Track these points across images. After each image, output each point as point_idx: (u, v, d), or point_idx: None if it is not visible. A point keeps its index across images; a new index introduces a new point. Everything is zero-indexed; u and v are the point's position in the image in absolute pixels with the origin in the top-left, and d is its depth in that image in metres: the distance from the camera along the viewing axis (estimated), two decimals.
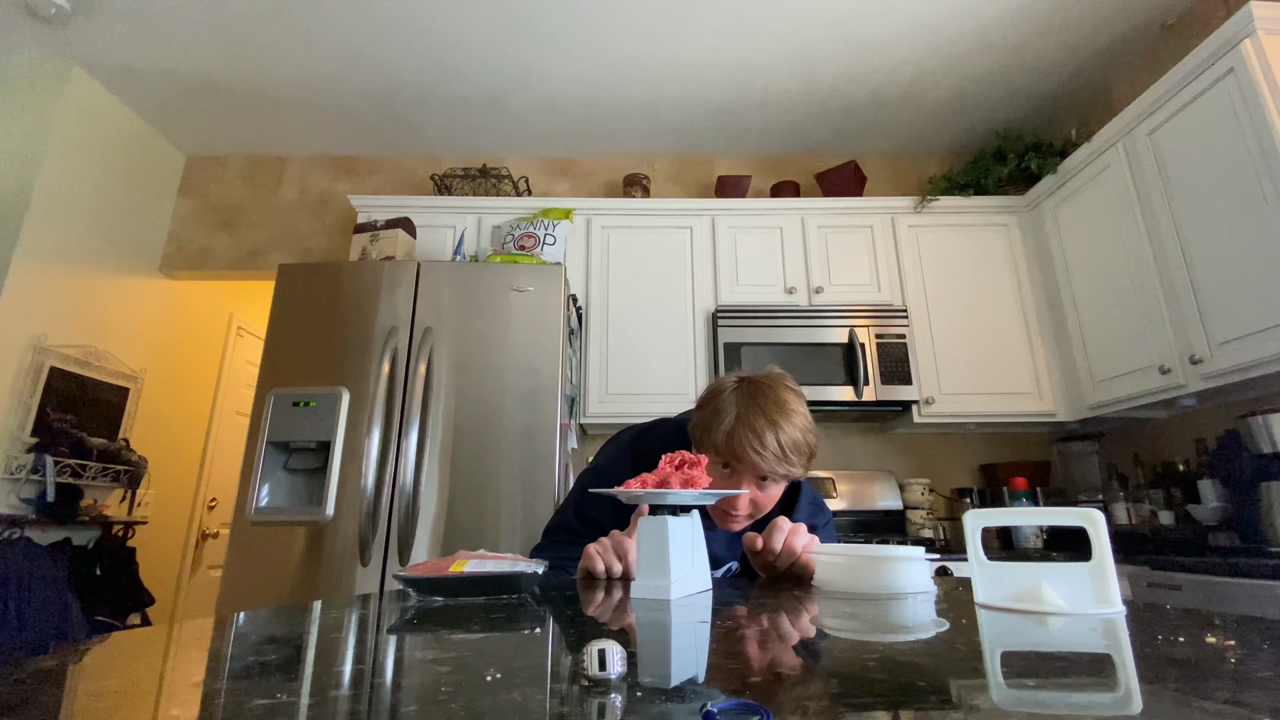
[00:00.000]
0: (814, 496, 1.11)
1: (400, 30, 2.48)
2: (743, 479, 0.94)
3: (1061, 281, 2.58)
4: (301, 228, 3.22)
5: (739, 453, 0.91)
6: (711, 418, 0.95)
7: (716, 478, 0.96)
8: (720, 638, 0.48)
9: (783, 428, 0.90)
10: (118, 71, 2.72)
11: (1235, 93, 1.85)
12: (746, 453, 0.90)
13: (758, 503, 0.95)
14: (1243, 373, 1.83)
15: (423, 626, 0.53)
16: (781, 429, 0.90)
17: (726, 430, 0.92)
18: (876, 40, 2.54)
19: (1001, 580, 0.60)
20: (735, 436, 0.91)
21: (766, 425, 0.90)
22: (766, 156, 3.31)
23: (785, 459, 0.90)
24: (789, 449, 0.90)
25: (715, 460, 0.95)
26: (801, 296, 2.69)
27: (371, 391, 2.00)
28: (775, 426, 0.90)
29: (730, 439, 0.92)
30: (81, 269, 2.70)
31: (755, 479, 0.94)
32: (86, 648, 0.44)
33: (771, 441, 0.90)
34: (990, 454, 2.84)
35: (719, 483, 0.95)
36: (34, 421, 2.44)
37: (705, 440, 0.96)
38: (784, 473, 0.92)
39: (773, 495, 0.96)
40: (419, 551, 1.90)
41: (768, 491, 0.96)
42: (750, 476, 0.94)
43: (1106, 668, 0.38)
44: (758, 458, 0.90)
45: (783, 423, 0.91)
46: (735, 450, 0.92)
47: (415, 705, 0.30)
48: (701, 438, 0.97)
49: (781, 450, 0.90)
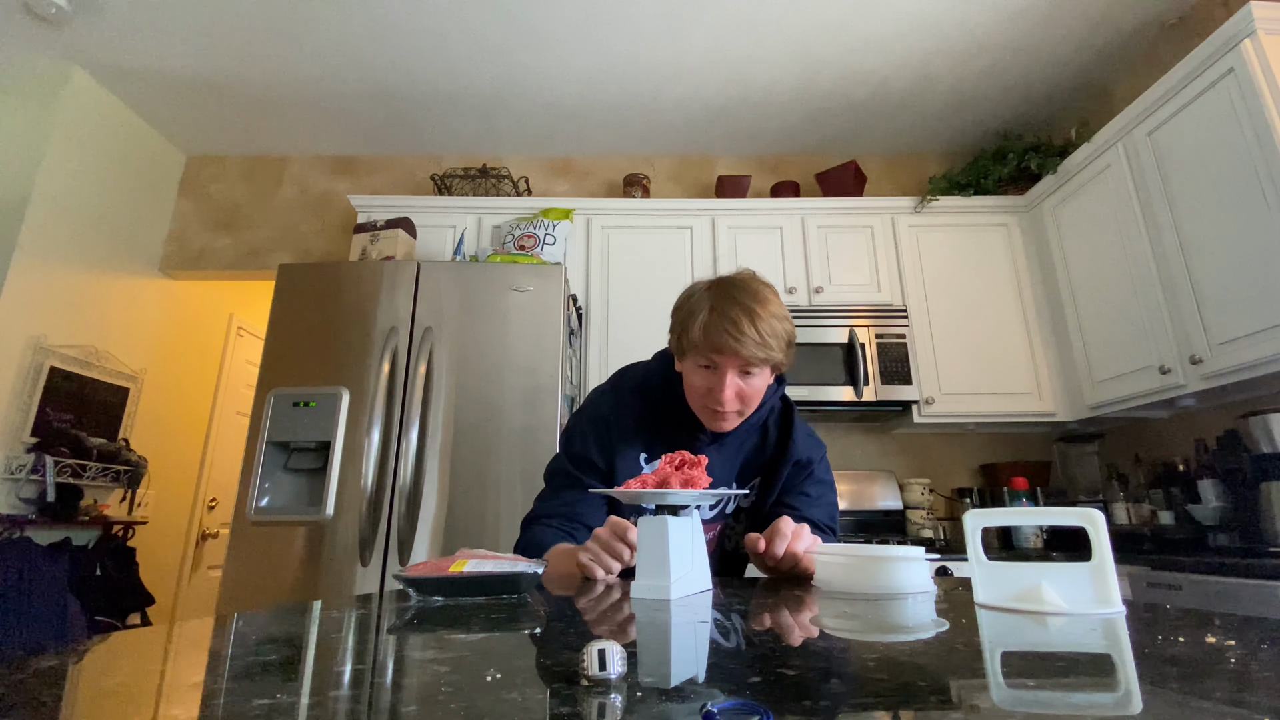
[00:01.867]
0: (808, 430, 1.11)
1: (400, 30, 2.48)
2: (725, 374, 0.93)
3: (1061, 281, 2.58)
4: (301, 228, 3.22)
5: (718, 343, 0.92)
6: (687, 317, 0.96)
7: (699, 379, 0.96)
8: (720, 638, 0.48)
9: (759, 314, 0.91)
10: (118, 71, 2.72)
11: (1235, 93, 1.85)
12: (725, 341, 0.91)
13: (744, 396, 0.95)
14: (1243, 373, 1.83)
15: (423, 626, 0.53)
16: (758, 315, 0.91)
17: (703, 324, 0.93)
18: (876, 40, 2.54)
19: (1001, 580, 0.60)
20: (712, 328, 0.92)
21: (742, 313, 0.91)
22: (766, 156, 3.31)
23: (764, 344, 0.91)
24: (766, 334, 0.91)
25: (697, 361, 0.96)
26: (801, 296, 2.69)
27: (371, 391, 2.00)
28: (751, 314, 0.91)
29: (707, 332, 0.92)
30: (81, 269, 2.70)
31: (738, 371, 0.94)
32: (86, 648, 0.44)
33: (749, 328, 0.90)
34: (990, 454, 2.84)
35: (702, 382, 0.95)
36: (34, 421, 2.44)
37: (684, 341, 0.97)
38: (764, 357, 0.92)
39: (757, 387, 0.96)
40: (419, 551, 1.90)
41: (752, 384, 0.95)
42: (732, 369, 0.93)
43: (1106, 668, 0.38)
44: (736, 344, 0.90)
45: (758, 310, 0.92)
46: (714, 341, 0.92)
47: (415, 705, 0.30)
48: (680, 340, 0.98)
49: (760, 335, 0.91)
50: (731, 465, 1.05)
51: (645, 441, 1.05)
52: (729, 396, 0.93)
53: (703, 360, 0.95)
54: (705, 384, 0.95)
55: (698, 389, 0.97)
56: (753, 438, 1.08)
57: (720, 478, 1.03)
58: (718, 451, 1.03)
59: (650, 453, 1.04)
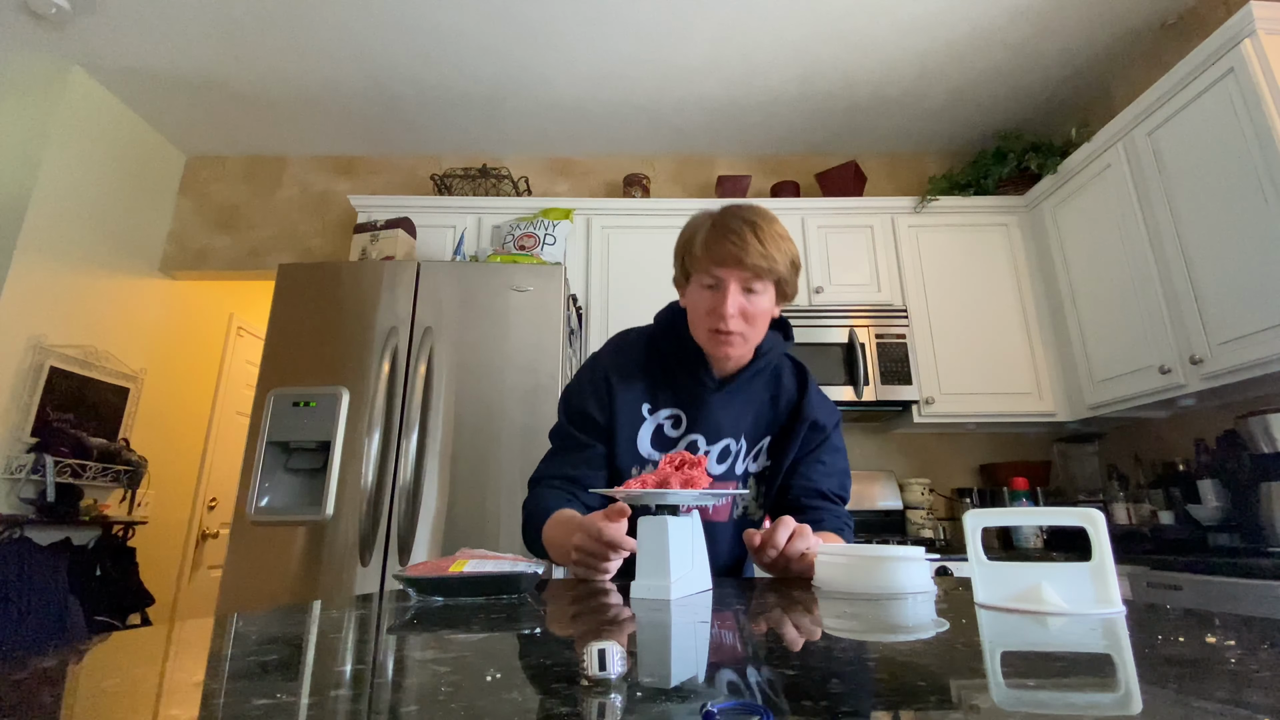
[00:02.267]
0: (824, 395, 1.10)
1: (400, 30, 2.48)
2: (728, 287, 0.92)
3: (1061, 281, 2.58)
4: (301, 228, 3.22)
5: (719, 254, 0.91)
6: (690, 238, 0.97)
7: (703, 300, 0.94)
8: (720, 638, 0.48)
9: (761, 227, 0.92)
10: (118, 71, 2.72)
11: (1235, 93, 1.85)
12: (728, 250, 0.90)
13: (747, 314, 0.93)
14: (1243, 373, 1.83)
15: (423, 626, 0.53)
16: (760, 228, 0.91)
17: (704, 240, 0.93)
18: (876, 40, 2.54)
19: (1001, 580, 0.60)
20: (714, 241, 0.92)
21: (745, 225, 0.91)
22: (766, 156, 3.31)
23: (767, 254, 0.90)
24: (767, 241, 0.91)
25: (700, 281, 0.95)
26: (802, 296, 2.69)
27: (371, 391, 2.00)
28: (754, 226, 0.91)
29: (709, 245, 0.92)
30: (81, 269, 2.70)
31: (741, 286, 0.92)
32: (86, 648, 0.44)
33: (751, 238, 0.90)
34: (990, 454, 2.84)
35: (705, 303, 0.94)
36: (34, 421, 2.44)
37: (688, 261, 0.97)
38: (767, 268, 0.91)
39: (761, 307, 0.94)
40: (419, 551, 1.90)
41: (755, 303, 0.93)
42: (735, 282, 0.92)
43: (1106, 668, 0.38)
44: (740, 251, 0.90)
45: (761, 223, 0.92)
46: (715, 254, 0.92)
47: (415, 705, 0.30)
48: (684, 262, 0.98)
49: (762, 245, 0.90)
50: (741, 416, 1.02)
51: (648, 389, 1.02)
52: (732, 312, 0.91)
53: (706, 279, 0.94)
54: (709, 304, 0.93)
55: (701, 311, 0.95)
56: (764, 390, 1.05)
57: (728, 428, 1.01)
58: (726, 399, 1.01)
59: (654, 402, 1.02)
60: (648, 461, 1.00)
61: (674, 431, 1.01)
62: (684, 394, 1.01)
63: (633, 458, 1.00)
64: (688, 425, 1.01)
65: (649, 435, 1.01)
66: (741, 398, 1.03)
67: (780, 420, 1.04)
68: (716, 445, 1.01)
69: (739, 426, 1.02)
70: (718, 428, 1.00)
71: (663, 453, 1.00)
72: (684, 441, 1.00)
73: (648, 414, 1.01)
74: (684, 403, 1.01)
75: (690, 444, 1.00)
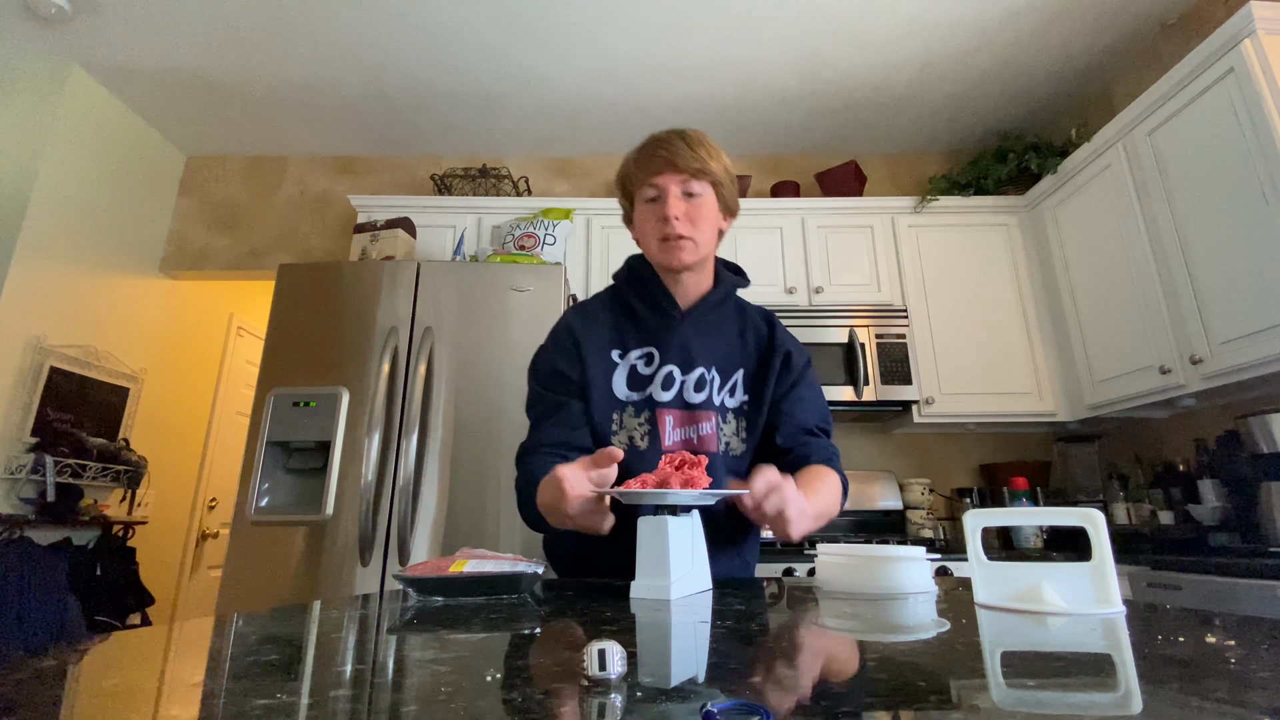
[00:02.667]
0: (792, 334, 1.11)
1: (400, 30, 2.48)
2: (668, 191, 0.96)
3: (1061, 281, 2.58)
4: (301, 228, 3.22)
5: (652, 164, 0.96)
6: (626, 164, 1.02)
7: (649, 214, 0.99)
8: (720, 638, 0.48)
9: (687, 134, 0.97)
10: (118, 71, 2.72)
11: (1235, 93, 1.85)
12: (658, 157, 0.96)
13: (691, 216, 0.97)
14: (1243, 373, 1.83)
15: (423, 626, 0.53)
16: (686, 134, 0.97)
17: (637, 158, 0.99)
18: (876, 40, 2.54)
19: (1001, 580, 0.60)
20: (645, 156, 0.98)
21: (671, 134, 0.98)
22: (766, 156, 3.31)
23: (697, 155, 0.95)
24: (696, 145, 0.96)
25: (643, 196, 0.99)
26: (801, 296, 2.69)
27: (371, 391, 2.00)
28: (680, 134, 0.97)
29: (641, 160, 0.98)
30: (81, 269, 2.70)
31: (680, 191, 0.96)
32: (86, 648, 0.44)
33: (679, 142, 0.96)
34: (990, 454, 2.84)
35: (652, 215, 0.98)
36: (34, 421, 2.44)
37: (628, 185, 1.02)
38: (699, 168, 0.96)
39: (704, 210, 0.98)
40: (419, 551, 1.90)
41: (697, 205, 0.97)
42: (675, 189, 0.96)
43: (1106, 668, 0.38)
44: (670, 155, 0.95)
45: (687, 132, 0.98)
46: (648, 165, 0.97)
47: (415, 705, 0.30)
48: (625, 187, 1.03)
49: (690, 147, 0.95)
50: (713, 347, 1.04)
51: (615, 336, 1.04)
52: (676, 213, 0.95)
53: (648, 191, 0.98)
54: (654, 214, 0.98)
55: (649, 223, 0.99)
56: (731, 323, 1.07)
57: (701, 357, 1.02)
58: (694, 328, 1.03)
59: (622, 346, 1.03)
60: (626, 404, 1.00)
61: (647, 369, 1.02)
62: (652, 331, 1.04)
63: (610, 403, 1.00)
64: (660, 359, 1.02)
65: (624, 378, 1.01)
66: (709, 327, 1.05)
67: (752, 355, 1.06)
68: (691, 375, 1.01)
69: (712, 356, 1.03)
70: (690, 357, 1.02)
71: (639, 393, 1.00)
72: (660, 374, 1.01)
73: (619, 359, 1.02)
74: (653, 339, 1.03)
75: (666, 376, 1.01)
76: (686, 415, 1.00)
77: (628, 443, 0.98)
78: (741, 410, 1.03)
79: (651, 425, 0.98)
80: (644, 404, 0.99)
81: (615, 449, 0.75)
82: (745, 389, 1.04)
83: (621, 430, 0.99)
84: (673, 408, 1.00)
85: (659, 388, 1.00)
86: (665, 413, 0.99)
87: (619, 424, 0.99)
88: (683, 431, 0.99)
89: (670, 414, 0.99)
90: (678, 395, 1.00)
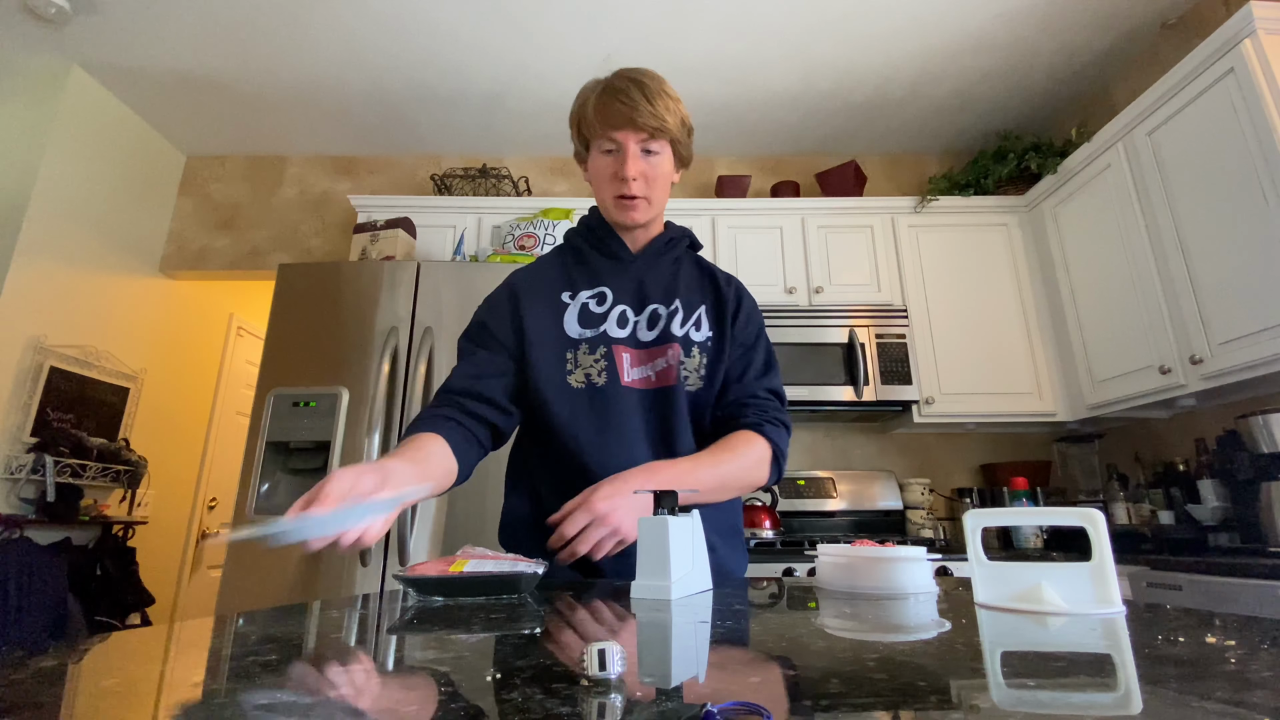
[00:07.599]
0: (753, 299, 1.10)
1: (400, 30, 2.48)
2: (627, 149, 0.95)
3: (1061, 281, 2.58)
4: (301, 228, 3.22)
5: (611, 116, 0.94)
6: (583, 103, 1.00)
7: (605, 165, 0.98)
8: (720, 638, 0.48)
9: (646, 84, 0.95)
10: (118, 71, 2.72)
11: (1235, 93, 1.85)
12: (617, 109, 0.94)
13: (648, 176, 0.97)
14: (1243, 373, 1.83)
15: (423, 626, 0.53)
16: (645, 85, 0.94)
17: (595, 104, 0.96)
18: (876, 39, 2.54)
19: (1001, 580, 0.60)
20: (603, 104, 0.95)
21: (630, 84, 0.95)
22: (766, 156, 3.31)
23: (656, 112, 0.93)
24: (656, 99, 0.94)
25: (600, 147, 0.98)
26: (801, 296, 2.69)
27: (371, 391, 2.00)
28: (640, 84, 0.94)
29: (600, 109, 0.96)
30: (81, 269, 2.70)
31: (640, 150, 0.96)
32: (86, 648, 0.44)
33: (639, 95, 0.93)
34: (990, 454, 2.84)
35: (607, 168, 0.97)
36: (34, 421, 2.44)
37: (584, 128, 1.00)
38: (658, 126, 0.94)
39: (662, 169, 0.98)
40: (419, 551, 1.90)
41: (654, 164, 0.97)
42: (635, 148, 0.95)
43: (1106, 668, 0.38)
44: (630, 109, 0.93)
45: (646, 81, 0.95)
46: (607, 116, 0.95)
47: (415, 705, 0.30)
48: (580, 128, 1.01)
49: (650, 101, 0.93)
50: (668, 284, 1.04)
51: (564, 279, 1.04)
52: (634, 175, 0.95)
53: (605, 143, 0.97)
54: (611, 168, 0.97)
55: (605, 177, 0.98)
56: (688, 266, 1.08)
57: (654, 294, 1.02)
58: (645, 267, 1.04)
59: (572, 288, 1.03)
60: (580, 342, 0.99)
61: (599, 308, 1.02)
62: (604, 273, 1.05)
63: (563, 343, 0.99)
64: (613, 299, 1.02)
65: (575, 316, 1.01)
66: (662, 267, 1.06)
67: (710, 296, 1.06)
68: (644, 313, 1.01)
69: (669, 292, 1.03)
70: (642, 296, 1.02)
71: (593, 330, 1.00)
72: (614, 313, 1.01)
73: (569, 299, 1.02)
74: (605, 280, 1.04)
75: (620, 314, 1.01)
76: (643, 354, 1.00)
77: (584, 381, 0.97)
78: (706, 346, 1.02)
79: (609, 361, 0.98)
80: (598, 340, 0.99)
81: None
82: (710, 325, 1.03)
83: (577, 369, 0.98)
84: (628, 346, 1.00)
85: (614, 324, 1.00)
86: (622, 350, 0.99)
87: (574, 363, 0.98)
88: (641, 370, 0.99)
89: (627, 351, 0.99)
90: (631, 334, 1.00)
